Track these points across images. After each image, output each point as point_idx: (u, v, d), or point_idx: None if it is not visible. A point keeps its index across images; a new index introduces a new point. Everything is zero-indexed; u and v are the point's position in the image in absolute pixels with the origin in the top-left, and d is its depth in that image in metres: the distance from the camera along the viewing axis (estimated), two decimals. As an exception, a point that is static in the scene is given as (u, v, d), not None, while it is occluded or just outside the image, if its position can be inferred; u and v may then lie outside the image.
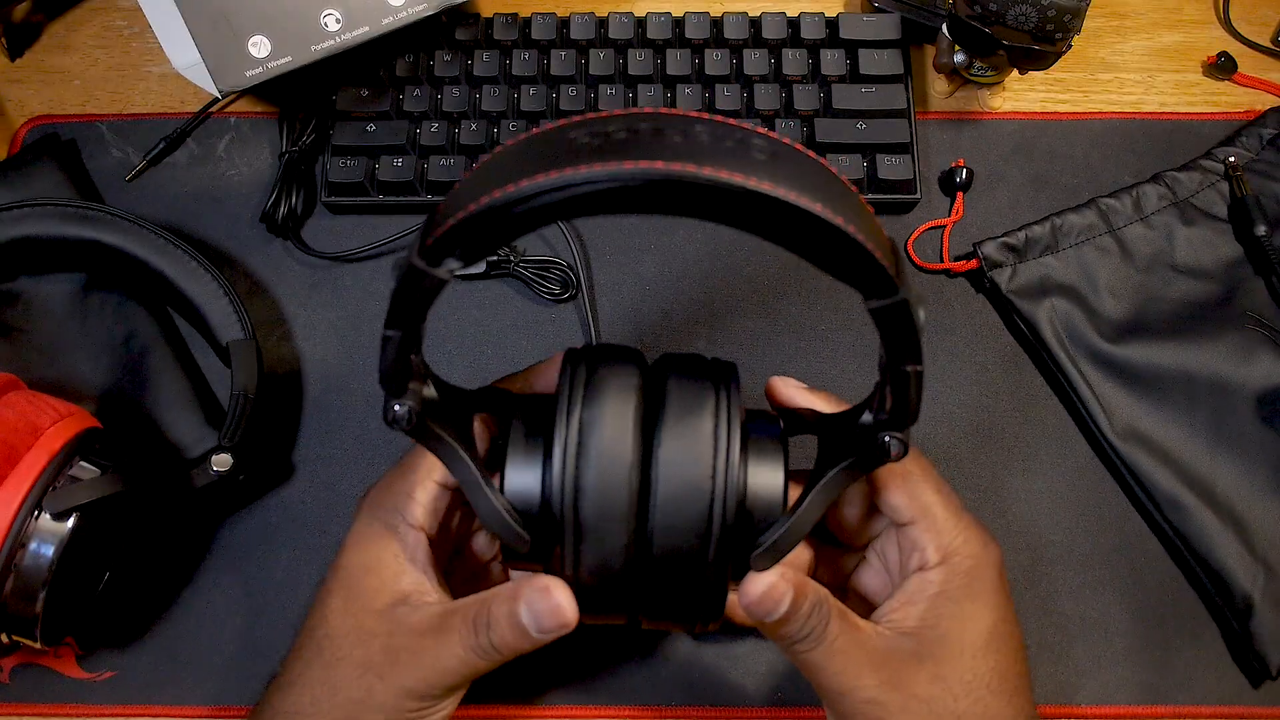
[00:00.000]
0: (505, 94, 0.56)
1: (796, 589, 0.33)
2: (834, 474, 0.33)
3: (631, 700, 0.47)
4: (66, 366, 0.51)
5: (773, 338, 0.54)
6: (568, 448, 0.33)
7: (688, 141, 0.26)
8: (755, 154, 0.27)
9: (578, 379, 0.35)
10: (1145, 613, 0.49)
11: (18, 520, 0.38)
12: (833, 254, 0.27)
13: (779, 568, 0.34)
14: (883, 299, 0.28)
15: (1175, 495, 0.49)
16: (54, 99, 0.59)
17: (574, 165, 0.26)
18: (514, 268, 0.54)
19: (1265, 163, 0.55)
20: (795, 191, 0.26)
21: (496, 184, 0.27)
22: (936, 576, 0.36)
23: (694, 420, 0.33)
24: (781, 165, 0.27)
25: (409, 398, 0.32)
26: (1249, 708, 0.47)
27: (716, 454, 0.33)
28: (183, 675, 0.48)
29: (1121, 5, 0.61)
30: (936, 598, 0.36)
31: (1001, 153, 0.57)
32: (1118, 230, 0.54)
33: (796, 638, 0.34)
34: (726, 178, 0.25)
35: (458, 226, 0.27)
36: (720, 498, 0.33)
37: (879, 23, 0.57)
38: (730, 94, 0.56)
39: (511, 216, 0.27)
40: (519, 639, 0.33)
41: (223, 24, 0.51)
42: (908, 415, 0.31)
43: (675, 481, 0.33)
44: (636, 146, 0.26)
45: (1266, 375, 0.51)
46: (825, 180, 0.27)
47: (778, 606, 0.33)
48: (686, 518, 0.33)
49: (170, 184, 0.57)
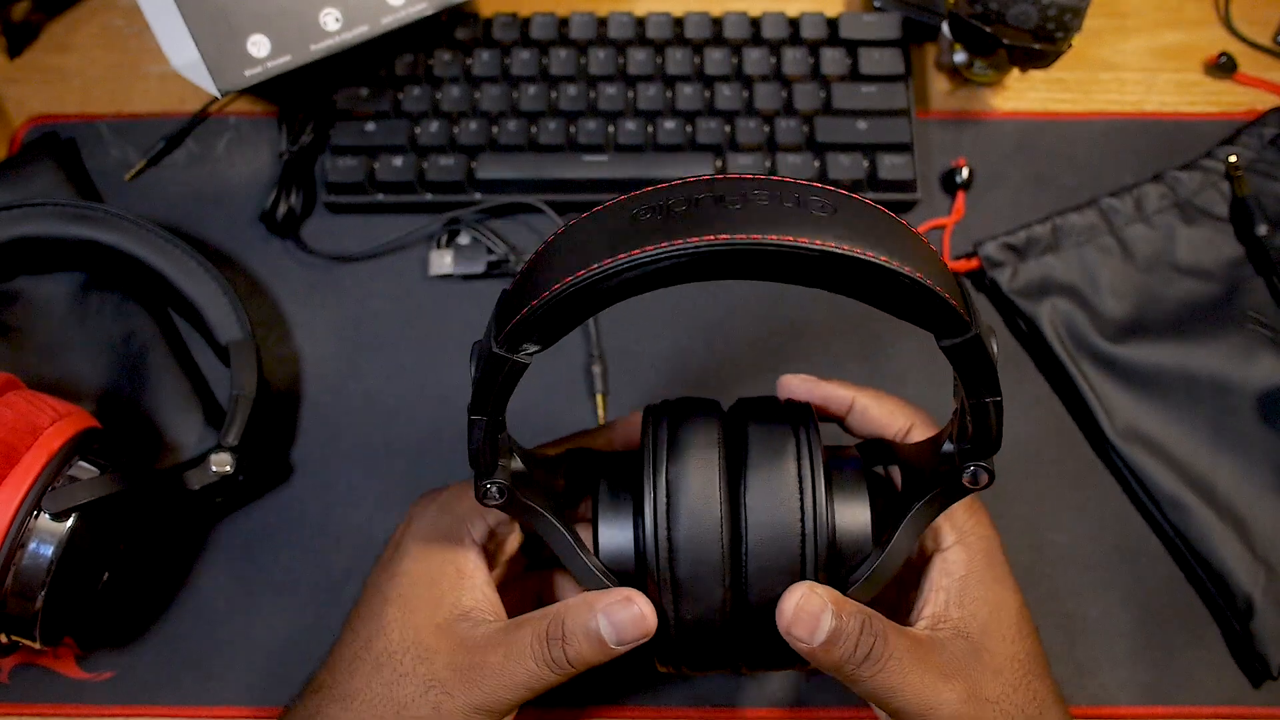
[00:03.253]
0: (505, 93, 0.56)
1: (835, 605, 0.32)
2: (921, 506, 0.34)
3: (631, 700, 0.47)
4: (66, 366, 0.51)
5: (774, 339, 0.54)
6: (657, 507, 0.34)
7: (747, 208, 0.27)
8: (816, 211, 0.27)
9: (660, 436, 0.35)
10: (1146, 613, 0.49)
11: (16, 520, 0.38)
12: (904, 301, 0.28)
13: (806, 584, 0.33)
14: (956, 338, 0.28)
15: (1176, 495, 0.49)
16: (54, 99, 0.59)
17: (640, 245, 0.27)
18: (514, 268, 0.54)
19: (1266, 162, 0.55)
20: (860, 246, 0.26)
21: (566, 269, 0.28)
22: (958, 557, 0.36)
23: (778, 464, 0.34)
24: (843, 219, 0.27)
25: (499, 475, 0.33)
26: (1250, 708, 0.47)
27: (803, 496, 0.34)
28: (183, 675, 0.48)
29: (1122, 5, 0.61)
30: (964, 581, 0.35)
31: (1002, 152, 0.57)
32: (1119, 230, 0.54)
33: (856, 661, 0.32)
34: (791, 242, 0.26)
35: (533, 314, 0.28)
36: (811, 538, 0.33)
37: (879, 22, 0.57)
38: (730, 94, 0.56)
39: (583, 299, 0.28)
40: (596, 651, 0.33)
41: (222, 23, 0.51)
42: (991, 445, 0.32)
43: (765, 527, 0.33)
44: (698, 219, 0.27)
45: (1267, 375, 0.50)
46: (888, 229, 0.28)
47: (818, 626, 0.32)
48: (779, 562, 0.33)
49: (170, 184, 0.57)
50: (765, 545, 0.33)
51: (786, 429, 0.35)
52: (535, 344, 0.29)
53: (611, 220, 0.29)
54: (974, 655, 0.34)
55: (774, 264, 0.27)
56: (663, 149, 0.56)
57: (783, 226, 0.26)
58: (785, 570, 0.33)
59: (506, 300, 0.30)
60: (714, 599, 0.34)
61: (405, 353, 0.54)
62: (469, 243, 0.55)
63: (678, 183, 0.29)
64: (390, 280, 0.55)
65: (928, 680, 0.33)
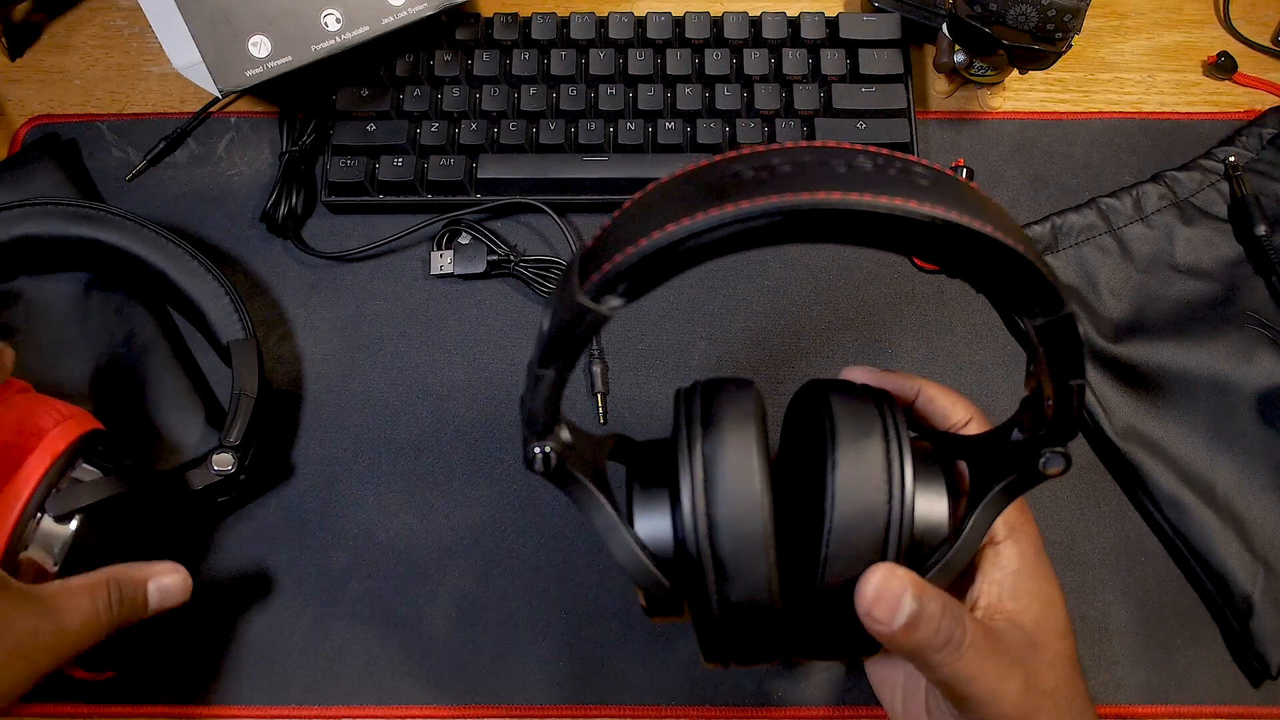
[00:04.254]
0: (505, 94, 0.56)
1: (916, 590, 0.31)
2: (996, 493, 0.33)
3: (631, 700, 0.47)
4: (66, 366, 0.51)
5: (771, 337, 0.54)
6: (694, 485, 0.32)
7: (853, 172, 0.26)
8: (919, 180, 0.27)
9: (693, 414, 0.34)
10: (1145, 612, 0.49)
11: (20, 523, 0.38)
12: (1002, 275, 0.27)
13: (887, 565, 0.32)
14: (1049, 315, 0.28)
15: (1175, 495, 0.49)
16: (54, 99, 0.59)
17: (747, 198, 0.25)
18: (514, 268, 0.54)
19: (1265, 162, 0.55)
20: (969, 216, 0.26)
21: (663, 220, 0.26)
22: (1010, 552, 0.36)
23: (867, 444, 0.33)
24: (946, 191, 0.27)
25: (552, 440, 0.31)
26: (1249, 707, 0.47)
27: (891, 478, 0.33)
28: (182, 675, 0.48)
29: (1121, 5, 0.61)
30: (1017, 576, 0.35)
31: (1001, 152, 0.57)
32: (1118, 230, 0.54)
33: (935, 646, 0.32)
34: (903, 205, 0.25)
35: (627, 263, 0.27)
36: (897, 521, 0.32)
37: (879, 22, 0.57)
38: (730, 94, 0.56)
39: (682, 253, 0.26)
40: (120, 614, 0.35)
41: (223, 24, 0.51)
42: (1071, 429, 0.31)
43: (851, 504, 0.32)
44: (804, 178, 0.26)
45: (1266, 375, 0.51)
46: (984, 204, 0.27)
47: (899, 605, 0.31)
48: (861, 544, 0.32)
49: (170, 184, 0.57)
50: (849, 525, 0.32)
51: (873, 410, 0.34)
52: (620, 298, 0.28)
53: (710, 177, 0.27)
54: (1031, 648, 0.34)
55: (880, 229, 0.26)
56: (663, 149, 0.56)
57: (885, 191, 0.26)
58: (866, 552, 0.32)
59: (590, 254, 0.28)
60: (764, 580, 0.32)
61: (405, 352, 0.54)
62: (469, 243, 0.55)
63: (778, 147, 0.28)
64: (390, 280, 0.55)
65: (997, 669, 0.33)
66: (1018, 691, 0.33)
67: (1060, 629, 0.35)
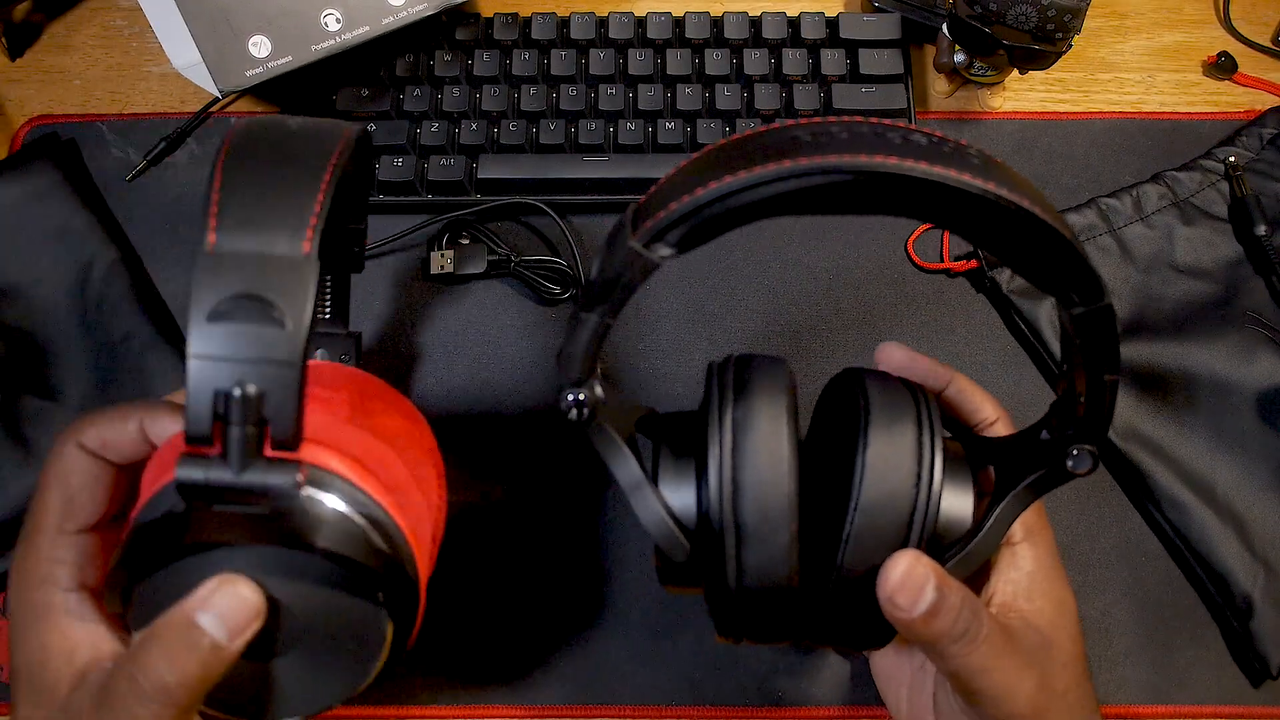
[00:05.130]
0: (505, 94, 0.56)
1: (939, 581, 0.31)
2: (1021, 489, 0.33)
3: (631, 700, 0.47)
4: (66, 366, 0.51)
5: (771, 337, 0.54)
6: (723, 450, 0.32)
7: (909, 144, 0.26)
8: (972, 159, 0.27)
9: (726, 382, 0.34)
10: (1145, 612, 0.49)
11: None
12: (1047, 259, 0.27)
13: (912, 552, 0.32)
14: (1088, 305, 0.28)
15: (1175, 495, 0.49)
16: (54, 99, 0.59)
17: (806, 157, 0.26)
18: (514, 268, 0.54)
19: (1265, 162, 0.55)
20: (1019, 196, 0.26)
21: (721, 174, 0.26)
22: (1026, 553, 0.36)
23: (900, 429, 0.33)
24: (997, 172, 0.27)
25: (585, 390, 0.31)
26: (1249, 707, 0.47)
27: (921, 465, 0.33)
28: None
29: (1121, 5, 0.61)
30: (1032, 577, 0.35)
31: (1001, 152, 0.57)
32: (1118, 230, 0.54)
33: (953, 636, 0.32)
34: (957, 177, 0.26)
35: (681, 211, 0.27)
36: (924, 508, 0.32)
37: (879, 23, 0.57)
38: (730, 94, 0.56)
39: (735, 208, 0.26)
40: (207, 661, 0.28)
41: (223, 24, 0.51)
42: (1103, 426, 0.31)
43: (879, 488, 0.32)
44: (862, 144, 0.26)
45: (1266, 375, 0.51)
46: (1032, 190, 0.27)
47: (921, 596, 0.31)
48: (887, 526, 0.32)
49: (170, 184, 0.57)
50: (875, 506, 0.32)
51: (909, 399, 0.34)
52: (671, 247, 0.28)
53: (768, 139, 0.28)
54: (1045, 648, 0.34)
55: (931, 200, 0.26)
56: (663, 149, 0.56)
57: (939, 163, 0.26)
58: (890, 536, 0.32)
59: (644, 206, 0.28)
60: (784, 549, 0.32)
61: (405, 353, 0.54)
62: (469, 243, 0.55)
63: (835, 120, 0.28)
64: (390, 280, 0.55)
65: (1012, 665, 0.32)
66: (1032, 689, 0.33)
67: (1072, 632, 0.35)
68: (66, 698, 0.30)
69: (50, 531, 0.32)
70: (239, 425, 0.25)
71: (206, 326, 0.25)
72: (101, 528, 0.33)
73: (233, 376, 0.25)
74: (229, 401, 0.25)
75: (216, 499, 0.26)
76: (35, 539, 0.32)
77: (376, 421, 0.34)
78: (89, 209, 0.54)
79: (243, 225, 0.25)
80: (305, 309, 0.25)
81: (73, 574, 0.32)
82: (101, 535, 0.33)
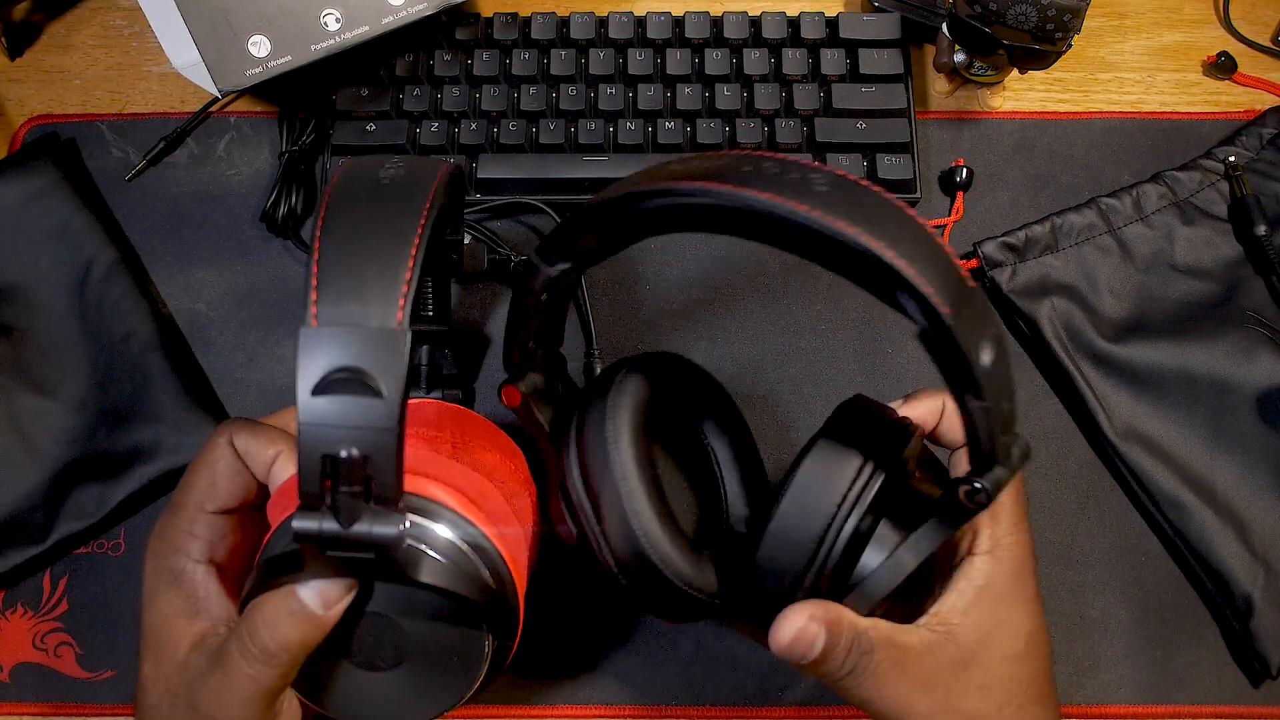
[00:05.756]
0: (505, 94, 0.56)
1: (829, 627, 0.33)
2: (921, 532, 0.33)
3: (632, 700, 0.47)
4: (66, 366, 0.51)
5: (772, 337, 0.54)
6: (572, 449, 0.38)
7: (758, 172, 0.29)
8: (817, 186, 0.28)
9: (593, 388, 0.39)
10: (1145, 612, 0.49)
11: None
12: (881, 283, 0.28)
13: (809, 607, 0.33)
14: (926, 321, 0.27)
15: (1175, 495, 0.49)
16: (54, 99, 0.59)
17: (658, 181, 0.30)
18: (514, 268, 0.54)
19: (1265, 162, 0.55)
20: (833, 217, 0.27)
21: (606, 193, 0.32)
22: (982, 567, 0.36)
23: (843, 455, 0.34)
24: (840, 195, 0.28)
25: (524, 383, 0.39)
26: (1249, 707, 0.47)
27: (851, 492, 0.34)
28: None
29: (1121, 5, 0.61)
30: (981, 592, 0.35)
31: (1001, 152, 0.57)
32: (1118, 230, 0.54)
33: (839, 675, 0.34)
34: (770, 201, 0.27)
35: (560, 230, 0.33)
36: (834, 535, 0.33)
37: (879, 22, 0.57)
38: (730, 94, 0.56)
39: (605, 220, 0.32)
40: (304, 628, 0.31)
41: (222, 23, 0.51)
42: (982, 458, 0.30)
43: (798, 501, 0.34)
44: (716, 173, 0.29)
45: (1266, 375, 0.51)
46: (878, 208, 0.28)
47: (811, 649, 0.33)
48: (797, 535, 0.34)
49: (170, 184, 0.57)
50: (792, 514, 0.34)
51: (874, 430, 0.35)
52: (565, 261, 0.34)
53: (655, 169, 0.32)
54: (961, 666, 0.34)
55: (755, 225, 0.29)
56: (663, 149, 0.56)
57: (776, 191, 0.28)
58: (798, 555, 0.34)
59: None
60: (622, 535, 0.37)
61: (405, 352, 0.54)
62: (469, 243, 0.55)
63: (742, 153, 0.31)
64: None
65: (904, 691, 0.34)
66: (926, 712, 0.34)
67: (1010, 652, 0.35)
68: (185, 657, 0.34)
69: (191, 508, 0.36)
70: (346, 485, 0.28)
71: (313, 399, 0.27)
72: (234, 514, 0.37)
73: (338, 442, 0.27)
74: (336, 464, 0.27)
75: (329, 547, 0.29)
76: (178, 513, 0.36)
77: (477, 457, 0.38)
78: (89, 209, 0.54)
79: (340, 299, 0.28)
80: (400, 377, 0.27)
81: (203, 548, 0.35)
82: (234, 519, 0.37)
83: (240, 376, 0.53)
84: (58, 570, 0.50)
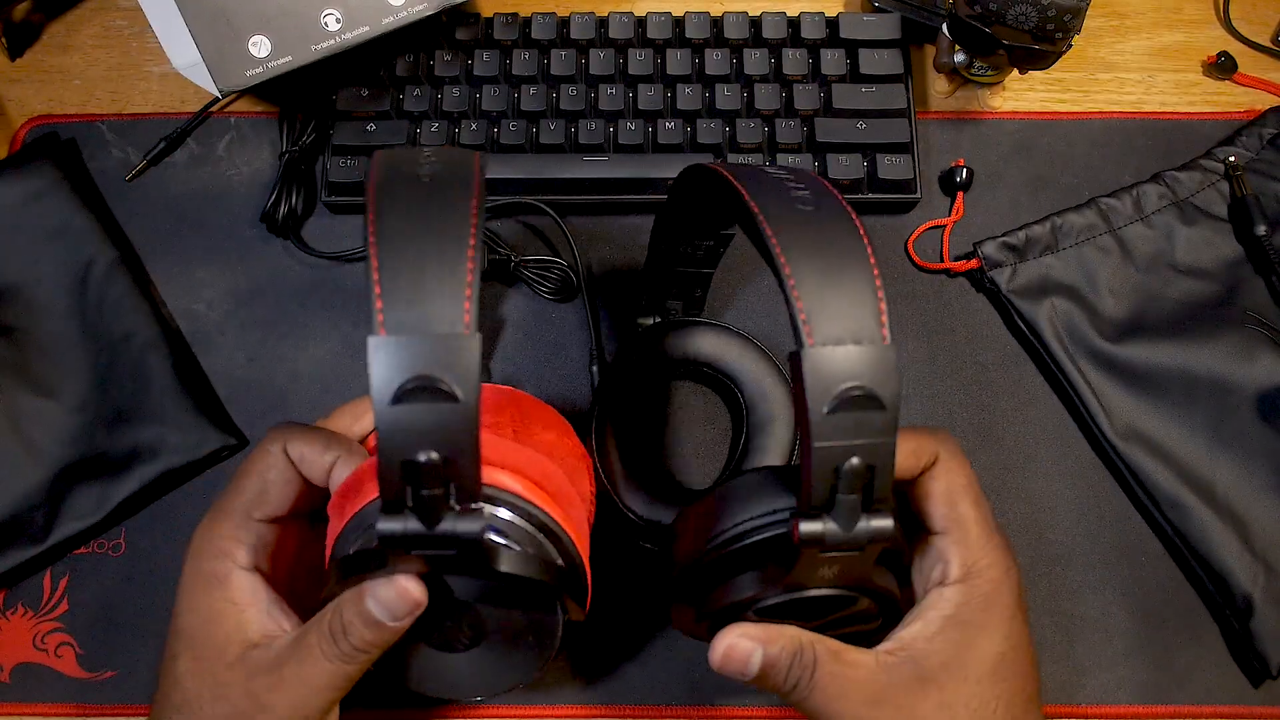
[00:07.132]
0: (505, 94, 0.56)
1: (766, 644, 0.33)
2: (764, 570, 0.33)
3: (631, 700, 0.47)
4: (66, 366, 0.51)
5: (771, 336, 0.54)
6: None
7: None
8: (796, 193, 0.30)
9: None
10: (1145, 612, 0.49)
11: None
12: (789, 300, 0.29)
13: (741, 626, 0.34)
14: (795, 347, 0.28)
15: (1175, 495, 0.49)
16: (54, 99, 0.59)
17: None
18: (514, 268, 0.54)
19: (1265, 162, 0.55)
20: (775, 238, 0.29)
21: None
22: (953, 595, 0.35)
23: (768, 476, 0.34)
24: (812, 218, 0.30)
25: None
26: (1249, 707, 0.47)
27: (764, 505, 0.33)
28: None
29: (1121, 5, 0.62)
30: (949, 621, 0.35)
31: (1001, 152, 0.57)
32: (1118, 230, 0.54)
33: (785, 689, 0.34)
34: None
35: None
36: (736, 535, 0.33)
37: (879, 22, 0.57)
38: (730, 94, 0.56)
39: None
40: (377, 633, 0.33)
41: (223, 24, 0.51)
42: (800, 494, 0.29)
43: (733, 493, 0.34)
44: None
45: (1266, 375, 0.51)
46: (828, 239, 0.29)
47: (746, 667, 0.33)
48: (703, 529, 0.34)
49: (170, 184, 0.57)
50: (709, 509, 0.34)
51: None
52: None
53: None
54: (918, 686, 0.34)
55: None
56: (663, 149, 0.56)
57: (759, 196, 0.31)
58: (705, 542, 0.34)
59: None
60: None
61: (406, 352, 0.54)
62: (469, 243, 0.55)
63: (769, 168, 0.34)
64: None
65: (850, 705, 0.34)
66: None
67: (975, 675, 0.34)
68: (238, 657, 0.34)
69: (238, 514, 0.36)
70: (428, 488, 0.28)
71: (390, 408, 0.27)
72: (281, 522, 0.37)
73: (418, 447, 0.27)
74: (417, 468, 0.28)
75: (414, 546, 0.29)
76: (222, 518, 0.36)
77: (537, 438, 0.40)
78: (89, 209, 0.54)
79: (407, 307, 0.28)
80: (474, 381, 0.27)
81: (249, 555, 0.36)
82: (280, 528, 0.37)
83: (240, 376, 0.53)
84: (58, 570, 0.50)
